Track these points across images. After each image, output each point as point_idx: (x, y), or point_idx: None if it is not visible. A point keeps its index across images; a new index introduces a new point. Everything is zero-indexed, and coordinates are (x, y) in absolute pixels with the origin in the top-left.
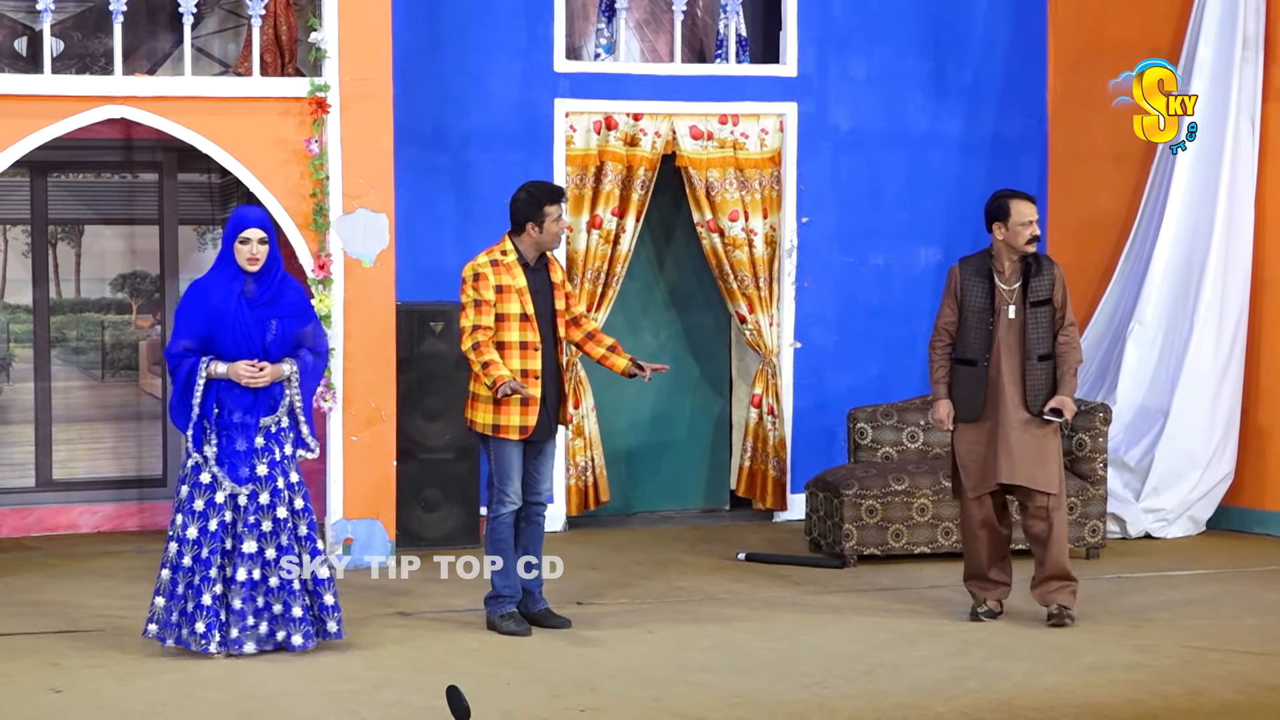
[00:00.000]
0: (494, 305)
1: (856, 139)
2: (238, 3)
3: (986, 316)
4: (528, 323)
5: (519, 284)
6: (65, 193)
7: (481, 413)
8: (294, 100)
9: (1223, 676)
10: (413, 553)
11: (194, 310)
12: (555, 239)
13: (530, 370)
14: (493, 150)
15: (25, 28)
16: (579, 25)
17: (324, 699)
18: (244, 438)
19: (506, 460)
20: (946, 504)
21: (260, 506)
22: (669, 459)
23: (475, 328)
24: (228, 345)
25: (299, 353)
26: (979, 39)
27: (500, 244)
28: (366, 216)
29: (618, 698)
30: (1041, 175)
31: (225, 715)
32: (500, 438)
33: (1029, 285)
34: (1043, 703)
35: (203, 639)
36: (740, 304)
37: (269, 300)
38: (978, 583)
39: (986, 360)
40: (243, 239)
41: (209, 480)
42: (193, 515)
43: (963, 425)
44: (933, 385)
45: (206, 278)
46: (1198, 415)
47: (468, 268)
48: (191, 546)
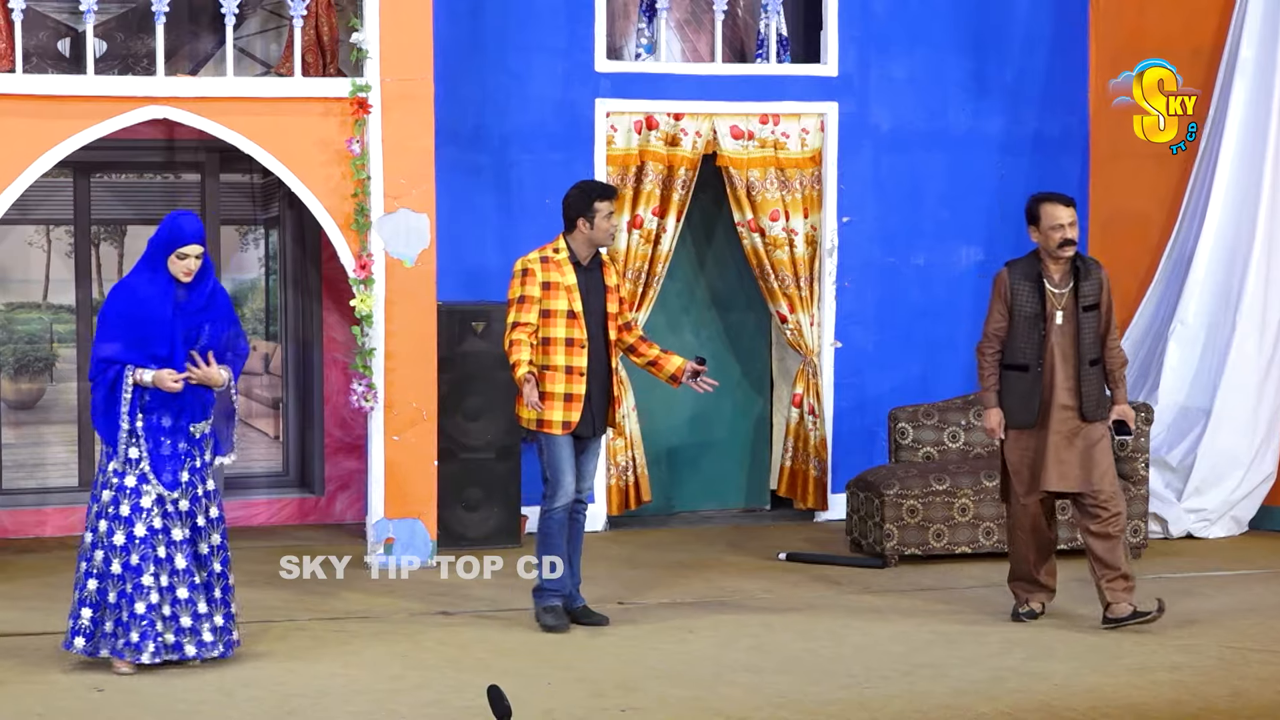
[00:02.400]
0: (540, 301)
1: (897, 139)
2: (279, 3)
3: (1038, 322)
4: (575, 320)
5: (568, 281)
6: (108, 193)
7: (528, 409)
8: (335, 100)
9: (1265, 678)
10: (454, 552)
11: (125, 315)
12: (606, 235)
13: (575, 367)
14: (534, 150)
15: (68, 29)
16: (620, 25)
17: (364, 698)
18: (172, 442)
19: (558, 455)
20: (988, 504)
21: (180, 513)
22: (710, 459)
23: (516, 324)
24: (161, 349)
25: (228, 359)
26: (1020, 38)
27: (554, 241)
28: (408, 217)
29: (658, 697)
30: (1083, 175)
31: (267, 714)
32: (548, 433)
33: (1079, 289)
34: (1084, 703)
35: (137, 648)
36: (781, 304)
37: (203, 306)
38: (1023, 584)
39: (1040, 366)
40: (181, 254)
41: (134, 484)
42: (119, 521)
43: (1015, 431)
44: (983, 392)
45: (135, 281)
46: (1240, 415)
47: (518, 262)
48: (120, 553)
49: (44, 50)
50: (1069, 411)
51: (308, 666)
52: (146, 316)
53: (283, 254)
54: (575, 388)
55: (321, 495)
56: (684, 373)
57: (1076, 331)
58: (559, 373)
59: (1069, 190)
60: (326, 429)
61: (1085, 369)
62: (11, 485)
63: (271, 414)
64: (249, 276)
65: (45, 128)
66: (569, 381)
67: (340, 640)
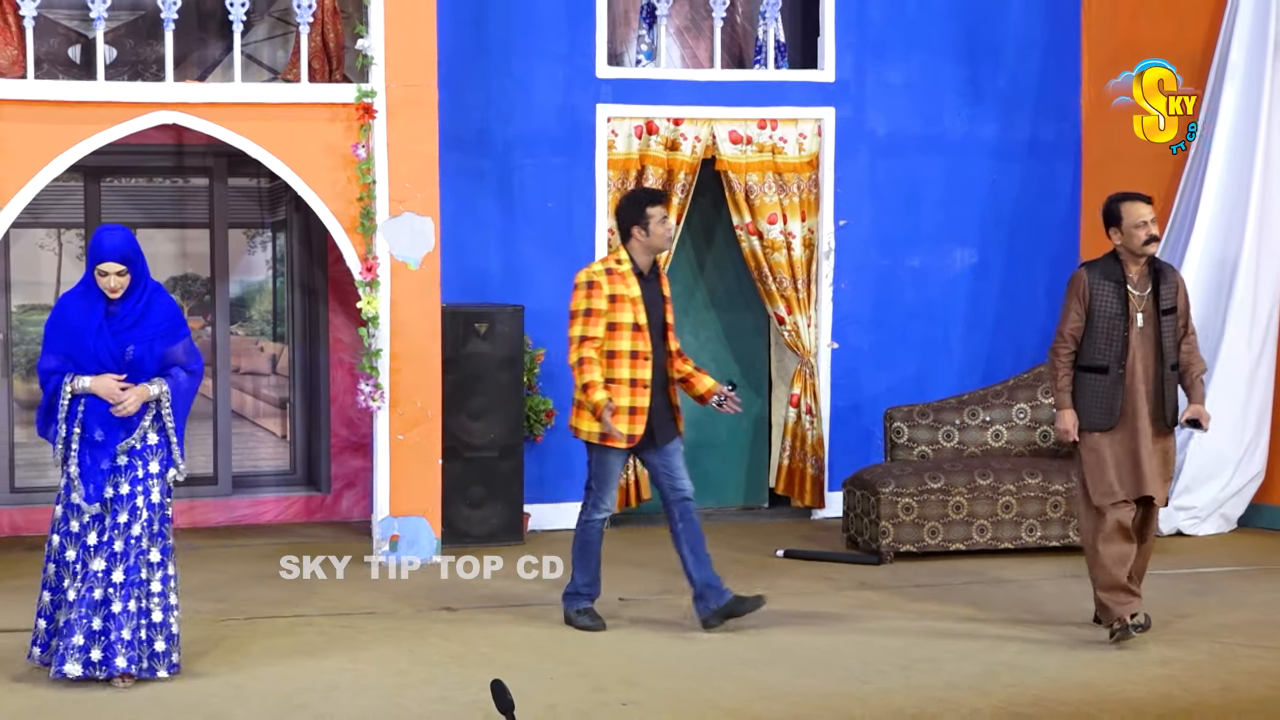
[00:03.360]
0: (606, 314)
1: (893, 143)
2: (286, 10)
3: (1119, 323)
4: (639, 332)
5: (633, 293)
6: (118, 197)
7: (587, 421)
8: (341, 106)
9: (1254, 672)
10: (457, 550)
11: (57, 328)
12: (664, 240)
13: (640, 379)
14: (536, 155)
15: (79, 35)
16: (620, 32)
17: (372, 693)
18: (106, 456)
19: (608, 469)
20: (981, 501)
21: (116, 525)
22: (709, 457)
23: (583, 339)
24: (88, 366)
25: (171, 371)
26: (1013, 45)
27: (615, 253)
28: (412, 220)
29: (658, 691)
30: (1075, 179)
31: (276, 708)
32: (605, 445)
33: (1159, 292)
34: (1076, 697)
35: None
36: (779, 305)
37: (133, 323)
38: (1112, 593)
39: (1121, 368)
40: (100, 271)
41: (78, 500)
42: (69, 537)
43: (1090, 434)
44: (1056, 394)
45: (71, 295)
46: (1229, 415)
47: (582, 274)
48: (63, 566)
49: (55, 56)
50: (1150, 416)
51: (316, 662)
52: (73, 331)
53: (290, 257)
54: (640, 400)
55: (328, 493)
56: (713, 395)
57: (1157, 335)
58: (624, 386)
59: (1061, 194)
60: (333, 428)
61: (1166, 373)
62: (24, 484)
63: (279, 414)
64: (257, 279)
65: (56, 132)
66: (634, 394)
67: (347, 636)
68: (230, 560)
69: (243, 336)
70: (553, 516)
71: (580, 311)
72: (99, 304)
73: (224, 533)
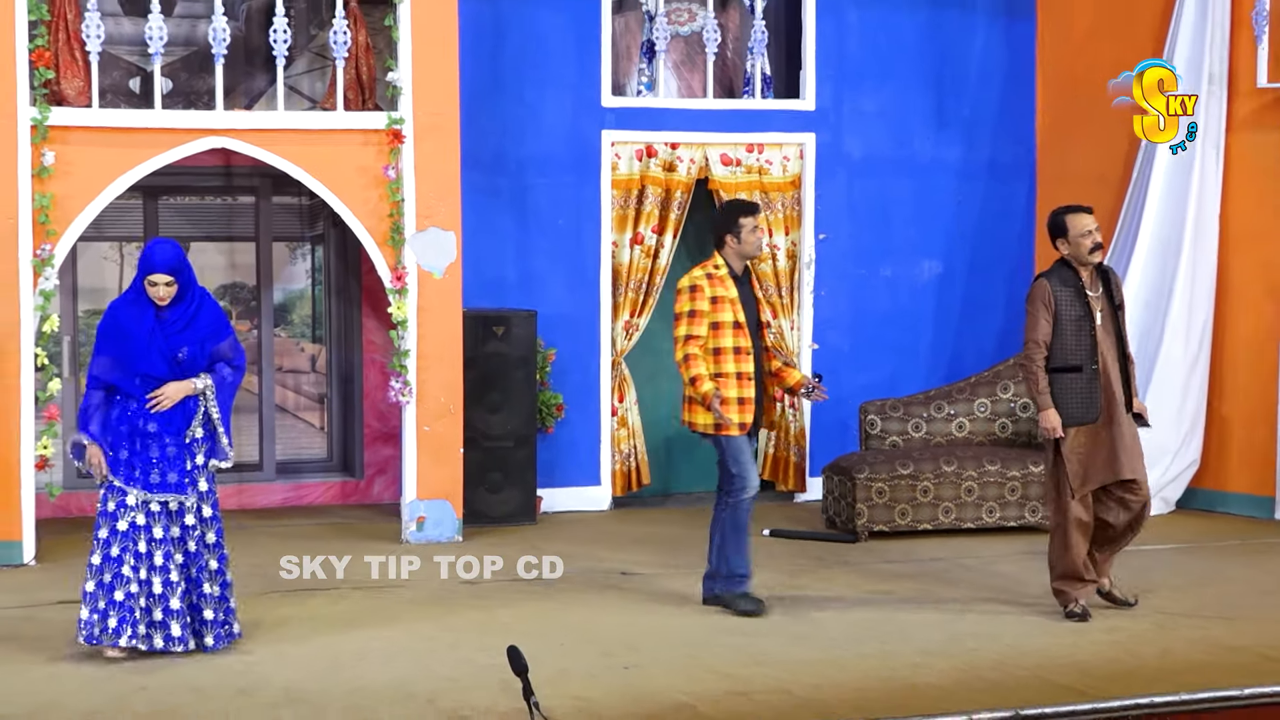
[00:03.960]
0: (709, 315)
1: (868, 166)
2: (324, 46)
3: (1086, 324)
4: (740, 330)
5: (731, 295)
6: (173, 213)
7: (701, 414)
8: (373, 132)
9: (1192, 639)
10: (478, 530)
11: (109, 332)
12: (755, 247)
13: (744, 373)
14: (547, 175)
15: (139, 69)
16: (623, 65)
17: (403, 657)
18: (158, 447)
19: (742, 452)
20: (946, 486)
21: (169, 513)
22: (702, 446)
23: (689, 337)
24: (138, 365)
25: (216, 367)
26: (975, 76)
27: (711, 260)
28: (437, 233)
29: (658, 655)
30: (1030, 197)
31: (317, 672)
32: (727, 435)
33: (1110, 291)
34: (1032, 661)
35: (115, 633)
36: (765, 310)
37: (184, 326)
38: (1071, 582)
39: (1094, 365)
40: (150, 282)
41: (120, 485)
42: (106, 517)
43: (1074, 429)
44: (1038, 397)
45: (122, 301)
46: (1169, 411)
47: (685, 280)
48: (103, 546)
49: (117, 88)
50: (1123, 405)
51: (351, 630)
52: (126, 334)
53: (327, 267)
54: (746, 391)
55: (361, 478)
56: (802, 386)
57: (1116, 329)
58: (730, 379)
59: (1018, 211)
60: (366, 420)
61: (1127, 363)
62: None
63: (318, 408)
64: (298, 287)
65: (118, 156)
66: (740, 386)
67: (380, 608)
68: (275, 539)
69: (285, 338)
70: (563, 500)
71: (685, 313)
72: (149, 309)
73: (269, 514)
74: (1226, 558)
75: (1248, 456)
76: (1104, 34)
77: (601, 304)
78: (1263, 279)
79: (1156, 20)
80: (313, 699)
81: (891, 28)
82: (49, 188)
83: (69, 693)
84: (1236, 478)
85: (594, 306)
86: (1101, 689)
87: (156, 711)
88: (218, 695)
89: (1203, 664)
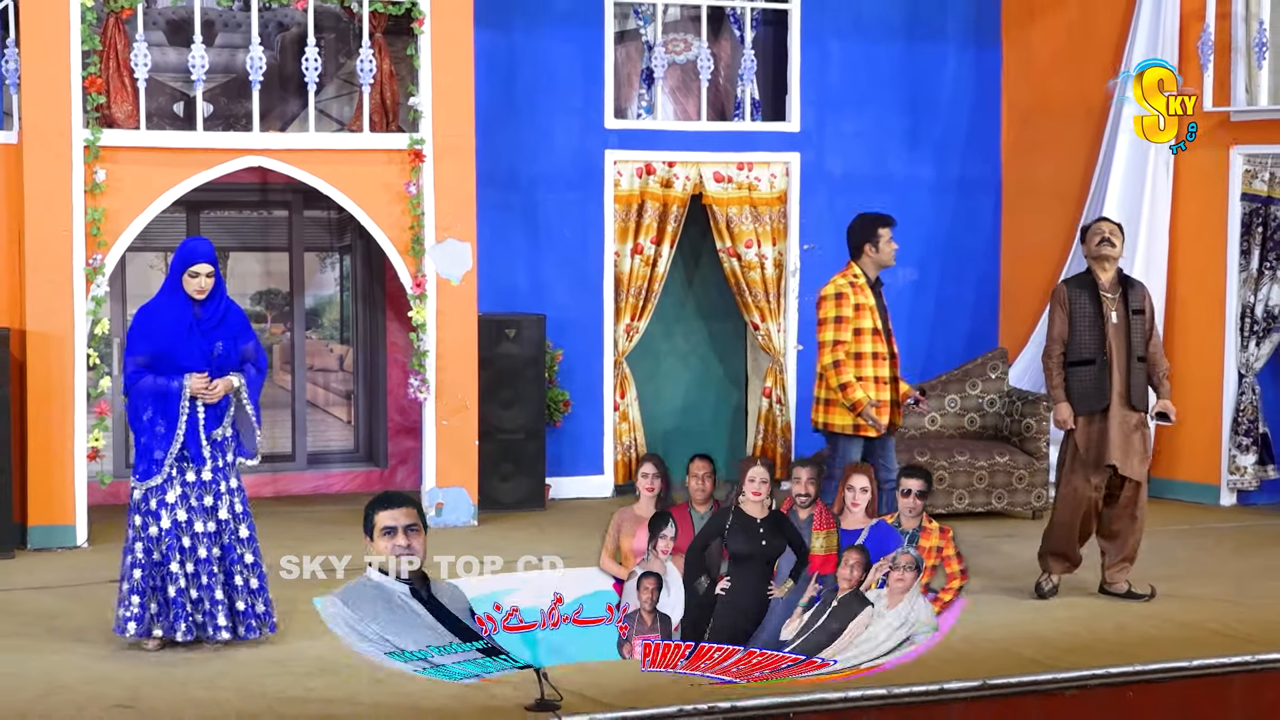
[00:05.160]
0: (852, 320)
1: (848, 182)
2: (351, 73)
3: (1097, 320)
4: (878, 336)
5: (870, 302)
6: (213, 226)
7: (840, 415)
8: (396, 152)
9: (1145, 615)
10: (491, 515)
11: (148, 332)
12: (890, 256)
13: (881, 376)
14: (555, 191)
15: (182, 94)
16: (625, 90)
17: None
18: (193, 445)
19: (850, 457)
20: None
21: (205, 509)
22: (697, 438)
23: (835, 343)
24: (182, 363)
25: (244, 368)
26: (946, 100)
27: (849, 269)
28: (454, 244)
29: None
30: (996, 212)
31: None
32: (854, 436)
33: (1128, 296)
34: (998, 635)
35: (172, 628)
36: (754, 314)
37: (217, 323)
38: (1056, 558)
39: (1104, 358)
40: (192, 273)
41: (160, 482)
42: (151, 515)
43: (1084, 418)
44: (1052, 390)
45: (157, 303)
46: None
47: (829, 288)
48: (152, 543)
49: (162, 111)
50: (1123, 400)
51: None
52: (166, 333)
53: (354, 275)
54: (884, 394)
55: (385, 468)
56: (907, 398)
57: (1128, 330)
58: (871, 383)
59: (984, 225)
60: (389, 415)
61: (1134, 363)
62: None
63: (345, 403)
64: (327, 293)
65: (164, 174)
66: (879, 389)
67: None
68: (307, 523)
69: (316, 340)
70: (569, 487)
71: (830, 319)
72: (186, 308)
73: (301, 500)
74: (1175, 540)
75: (1195, 447)
76: (1063, 62)
77: (605, 309)
78: (1207, 283)
79: (1111, 50)
80: (342, 670)
81: (869, 57)
82: (100, 203)
83: (120, 665)
84: (1184, 467)
85: (598, 311)
86: (1062, 660)
87: (195, 679)
88: (253, 664)
89: (1156, 638)
